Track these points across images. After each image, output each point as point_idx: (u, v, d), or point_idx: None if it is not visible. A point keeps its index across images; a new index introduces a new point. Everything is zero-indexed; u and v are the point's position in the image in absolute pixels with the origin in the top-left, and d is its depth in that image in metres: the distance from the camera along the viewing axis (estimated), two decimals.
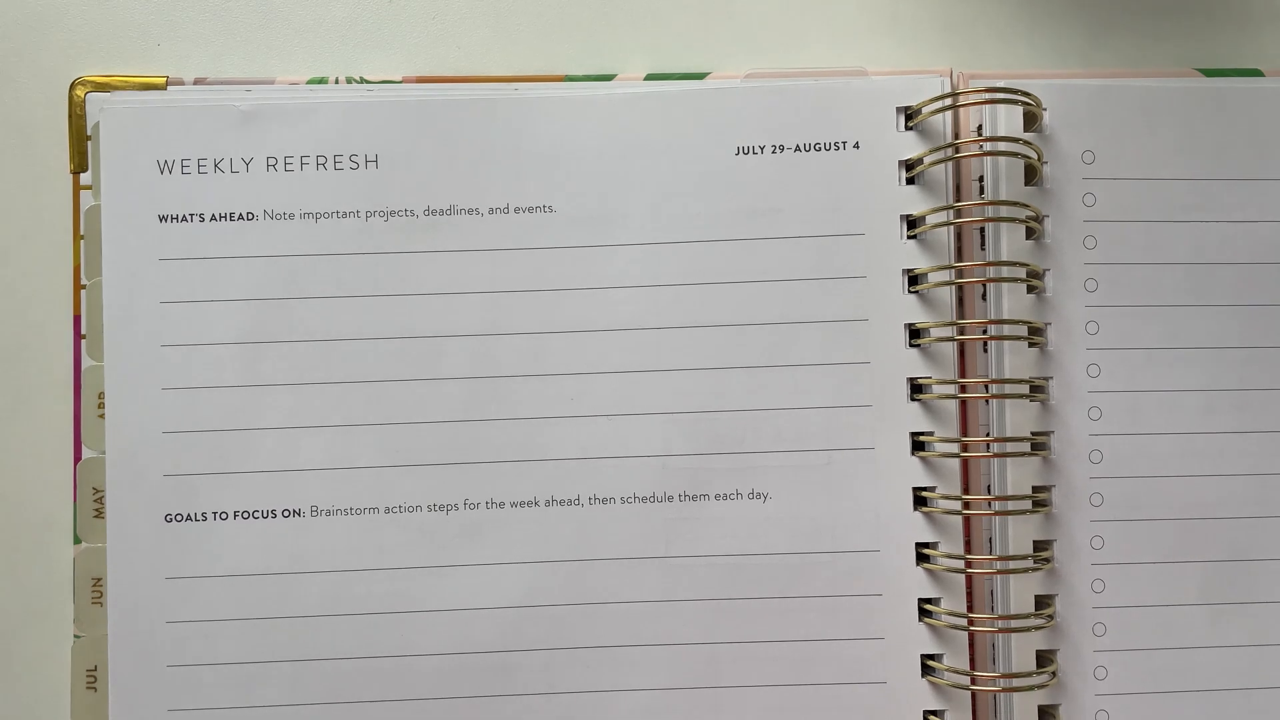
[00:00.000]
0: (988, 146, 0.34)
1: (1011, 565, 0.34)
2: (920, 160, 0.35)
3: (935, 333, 0.34)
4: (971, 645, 0.34)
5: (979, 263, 0.34)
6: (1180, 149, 0.36)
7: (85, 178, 0.36)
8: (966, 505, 0.34)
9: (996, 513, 0.34)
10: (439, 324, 0.35)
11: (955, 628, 0.34)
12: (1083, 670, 0.35)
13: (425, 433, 0.35)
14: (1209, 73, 0.37)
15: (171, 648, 0.34)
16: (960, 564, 0.34)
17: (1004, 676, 0.34)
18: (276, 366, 0.35)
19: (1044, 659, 0.34)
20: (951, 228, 0.35)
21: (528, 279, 0.35)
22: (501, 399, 0.35)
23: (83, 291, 0.36)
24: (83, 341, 0.36)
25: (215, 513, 0.35)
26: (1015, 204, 0.34)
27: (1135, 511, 0.35)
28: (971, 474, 0.35)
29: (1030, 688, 0.34)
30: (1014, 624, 0.33)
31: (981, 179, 0.35)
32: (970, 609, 0.34)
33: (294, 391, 0.35)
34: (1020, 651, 0.34)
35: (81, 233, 0.36)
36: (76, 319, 0.36)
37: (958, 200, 0.35)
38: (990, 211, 0.34)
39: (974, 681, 0.34)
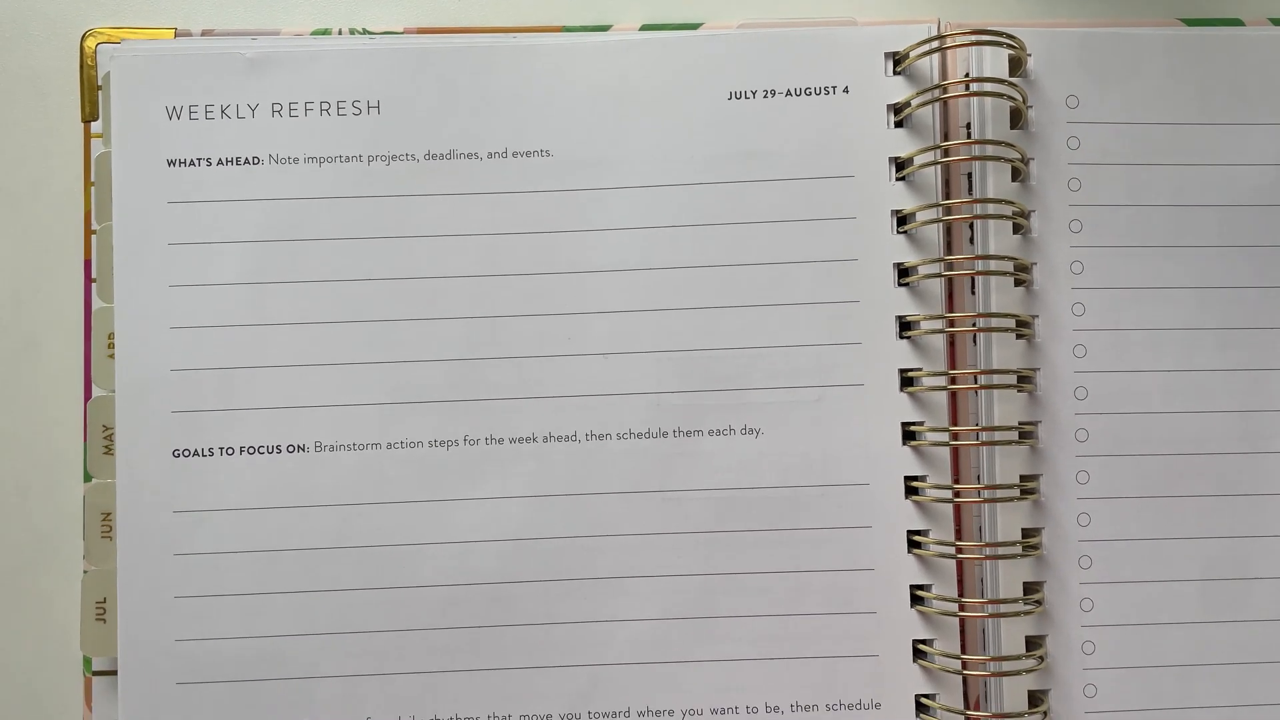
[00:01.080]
0: (974, 88, 0.35)
1: (999, 494, 0.34)
2: (908, 104, 0.36)
3: (923, 270, 0.35)
4: (960, 576, 0.35)
5: (966, 200, 0.35)
6: (1162, 95, 0.37)
7: (96, 126, 0.37)
8: (955, 437, 0.35)
9: (984, 443, 0.35)
10: (439, 265, 0.36)
11: (944, 556, 0.35)
12: (1069, 601, 0.36)
13: (426, 371, 0.36)
14: (1191, 22, 0.38)
15: (179, 579, 0.35)
16: (948, 494, 0.35)
17: (992, 602, 0.34)
18: (281, 306, 0.36)
19: (1031, 588, 0.35)
20: (939, 169, 0.35)
21: (525, 221, 0.36)
22: (500, 338, 0.36)
23: (93, 237, 0.37)
24: (93, 285, 0.37)
25: (222, 448, 0.36)
26: (1001, 144, 0.35)
27: (1120, 447, 0.36)
28: (960, 409, 0.36)
29: (1017, 614, 0.34)
30: (1001, 551, 0.34)
31: (969, 126, 0.36)
32: (959, 537, 0.35)
33: (298, 330, 0.36)
34: (1007, 580, 0.35)
35: (92, 180, 0.37)
36: (87, 263, 0.37)
37: (945, 135, 0.36)
38: (976, 151, 0.35)
39: (962, 609, 0.34)
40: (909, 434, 0.36)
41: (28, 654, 0.37)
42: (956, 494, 0.35)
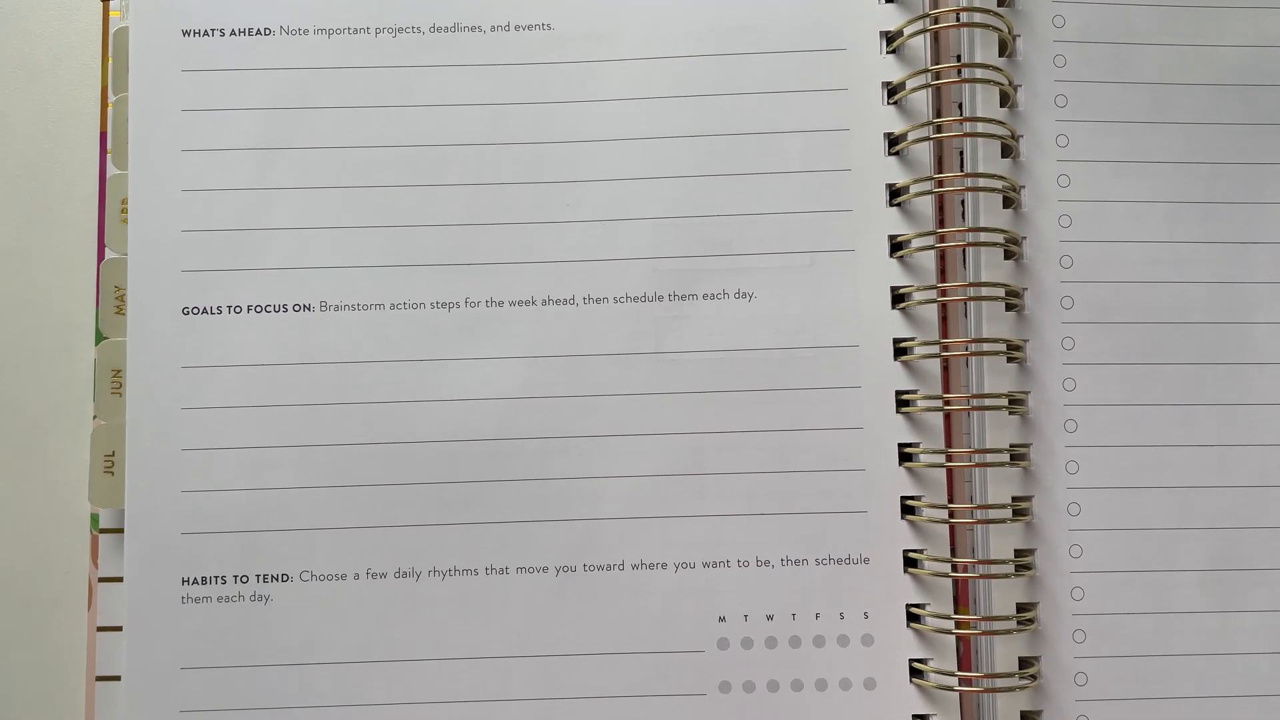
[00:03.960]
0: None
1: (985, 348, 0.35)
2: None
3: (913, 136, 0.36)
4: (947, 433, 0.36)
5: (953, 64, 0.36)
6: None
7: (115, 4, 0.38)
8: (943, 293, 0.36)
9: (970, 298, 0.35)
10: (442, 134, 0.37)
11: (931, 410, 0.35)
12: (1055, 465, 0.36)
13: (429, 235, 0.37)
14: None
15: (186, 433, 0.36)
16: (935, 349, 0.35)
17: (978, 452, 0.35)
18: (289, 171, 0.37)
19: (1018, 449, 0.36)
20: (928, 40, 0.37)
21: (526, 92, 0.37)
22: (501, 204, 0.37)
23: (109, 110, 0.38)
24: (108, 156, 0.38)
25: (230, 306, 0.37)
26: (989, 12, 0.36)
27: (1104, 315, 0.37)
28: (949, 270, 0.37)
29: (1002, 464, 0.35)
30: (987, 402, 0.35)
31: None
32: (946, 389, 0.36)
33: (305, 195, 0.37)
34: (994, 433, 0.36)
35: (110, 55, 0.38)
36: (102, 135, 0.38)
37: (934, 9, 0.37)
38: (964, 18, 0.36)
39: (949, 459, 0.35)
40: (897, 297, 0.36)
41: (36, 512, 0.38)
42: (945, 348, 0.35)
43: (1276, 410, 0.37)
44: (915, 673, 0.35)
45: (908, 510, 0.36)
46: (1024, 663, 0.35)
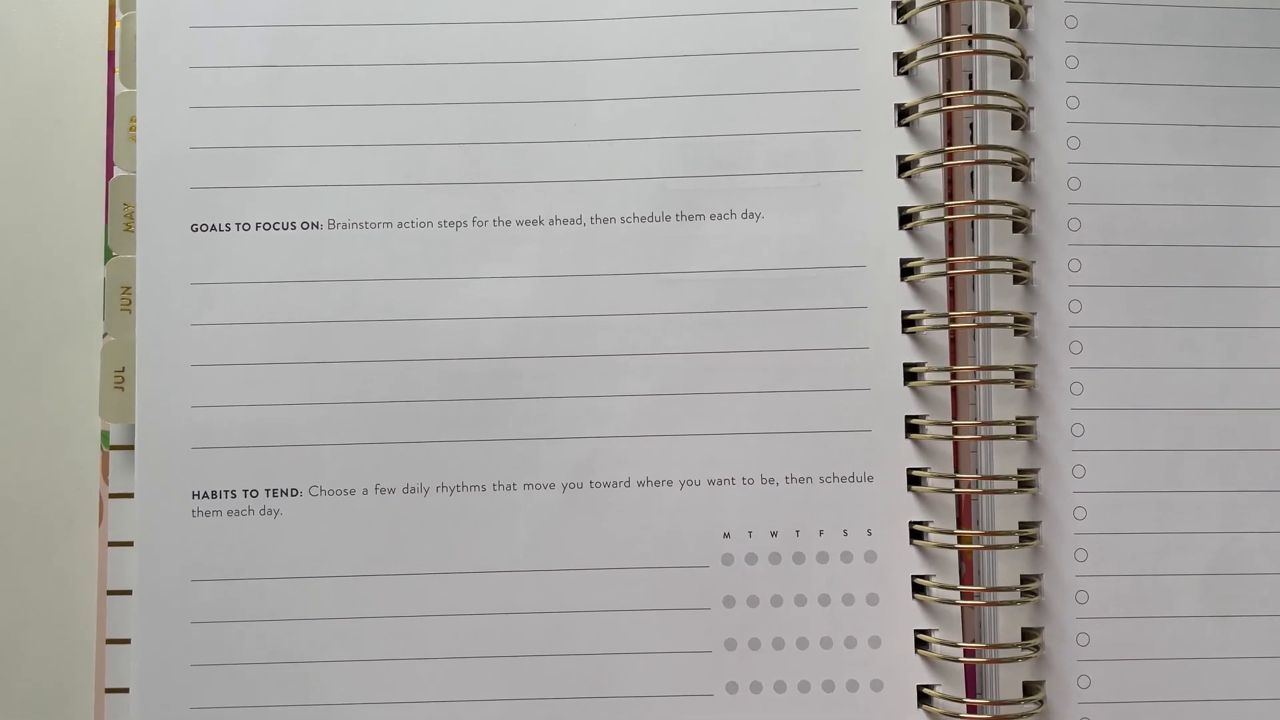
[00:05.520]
0: None
1: (992, 265, 0.35)
2: None
3: (921, 55, 0.36)
4: (952, 351, 0.36)
5: None
6: None
7: None
8: (950, 213, 0.36)
9: (978, 216, 0.35)
10: (449, 52, 0.37)
11: (936, 329, 0.36)
12: (1060, 386, 0.36)
13: (436, 154, 0.37)
14: None
15: (195, 348, 0.36)
16: (943, 266, 0.35)
17: (983, 369, 0.35)
18: (297, 89, 0.37)
19: (1022, 370, 0.36)
20: None
21: (533, 10, 0.37)
22: (507, 124, 0.37)
23: (117, 28, 0.38)
24: (116, 74, 0.38)
25: (238, 224, 0.37)
26: None
27: (1111, 237, 0.37)
28: (956, 190, 0.37)
29: (1006, 382, 0.35)
30: (993, 319, 0.35)
31: None
32: (952, 308, 0.36)
33: (313, 113, 0.37)
34: (999, 353, 0.36)
35: None
36: (110, 53, 0.38)
37: None
38: None
39: (954, 376, 0.35)
40: (905, 217, 0.36)
41: (48, 430, 0.38)
42: (951, 267, 0.35)
43: None
44: (918, 589, 0.36)
45: (912, 429, 0.36)
46: (1026, 580, 0.36)
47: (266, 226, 0.37)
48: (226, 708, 0.36)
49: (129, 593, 0.36)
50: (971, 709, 0.35)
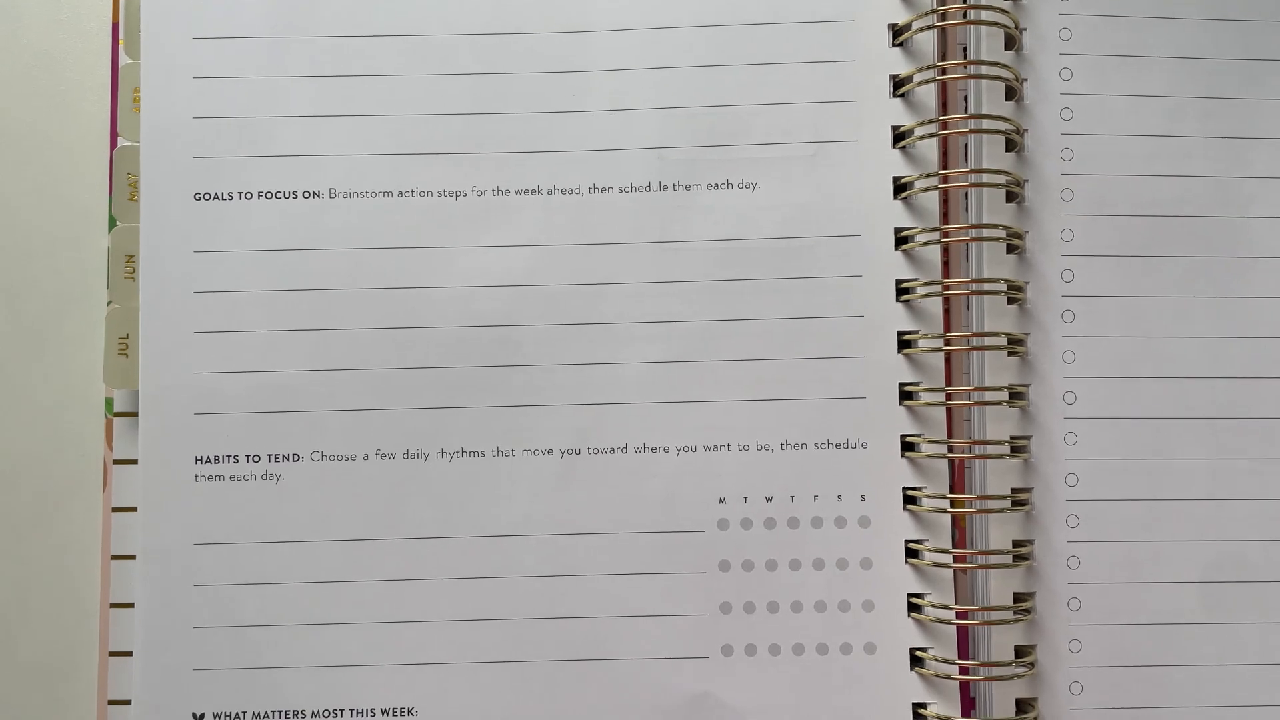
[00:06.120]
0: None
1: (986, 233, 0.36)
2: None
3: (916, 26, 0.37)
4: (946, 318, 0.37)
5: None
6: None
7: None
8: (945, 179, 0.36)
9: (972, 185, 0.36)
10: (450, 23, 0.37)
11: (930, 296, 0.36)
12: (1052, 354, 0.37)
13: (437, 124, 0.37)
14: None
15: (198, 316, 0.37)
16: (937, 234, 0.36)
17: (975, 335, 0.36)
18: (299, 59, 0.37)
19: (1015, 338, 0.37)
20: None
21: None
22: (506, 94, 0.37)
23: (121, 0, 0.38)
24: (120, 45, 0.38)
25: (241, 192, 0.37)
26: None
27: (1103, 207, 0.37)
28: (951, 155, 0.37)
29: (999, 348, 0.36)
30: (986, 286, 0.36)
31: None
32: (946, 276, 0.36)
33: (315, 83, 0.37)
34: (993, 322, 0.36)
35: None
36: (115, 24, 0.39)
37: None
38: None
39: (948, 343, 0.36)
40: (900, 188, 0.37)
41: (53, 397, 0.39)
42: (945, 233, 0.36)
43: (1271, 303, 0.37)
44: (911, 553, 0.36)
45: (906, 396, 0.36)
46: (1018, 545, 0.36)
47: (269, 195, 0.37)
48: (229, 669, 0.36)
49: (132, 557, 0.37)
50: (964, 671, 0.35)
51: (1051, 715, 0.36)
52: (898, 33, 0.37)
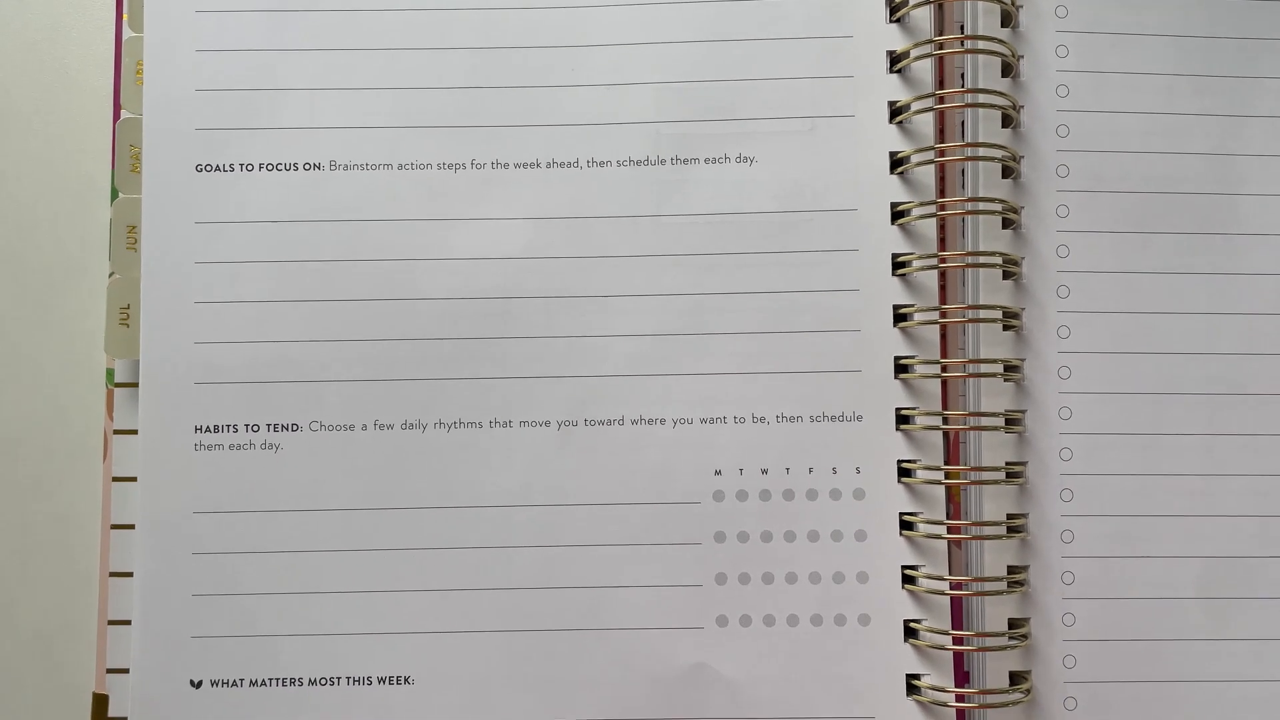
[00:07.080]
0: None
1: (982, 207, 0.36)
2: None
3: (913, 1, 0.37)
4: (942, 291, 0.37)
5: None
6: None
7: None
8: (941, 154, 0.36)
9: (968, 159, 0.36)
10: None
11: (927, 269, 0.36)
12: (1047, 329, 0.37)
13: (435, 97, 0.38)
14: None
15: (199, 286, 0.37)
16: (933, 208, 0.36)
17: (971, 308, 0.36)
18: (300, 33, 0.38)
19: (1010, 315, 0.37)
20: None
21: None
22: (505, 68, 0.38)
23: None
24: (124, 19, 0.39)
25: (242, 164, 0.37)
26: None
27: (1099, 184, 0.38)
28: (947, 131, 0.37)
29: (994, 320, 0.36)
30: (982, 259, 0.36)
31: None
32: (942, 249, 0.37)
33: (316, 56, 0.38)
34: (988, 295, 0.36)
35: None
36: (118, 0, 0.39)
37: None
38: None
39: (943, 315, 0.36)
40: (896, 162, 0.37)
41: (54, 367, 0.39)
42: (941, 208, 0.36)
43: (1265, 280, 0.38)
44: (905, 525, 0.36)
45: (901, 369, 0.37)
46: (1012, 518, 0.36)
47: (270, 167, 0.37)
48: (227, 637, 0.36)
49: (132, 527, 0.37)
50: (957, 642, 0.35)
51: (1045, 688, 0.36)
52: (895, 8, 0.37)
